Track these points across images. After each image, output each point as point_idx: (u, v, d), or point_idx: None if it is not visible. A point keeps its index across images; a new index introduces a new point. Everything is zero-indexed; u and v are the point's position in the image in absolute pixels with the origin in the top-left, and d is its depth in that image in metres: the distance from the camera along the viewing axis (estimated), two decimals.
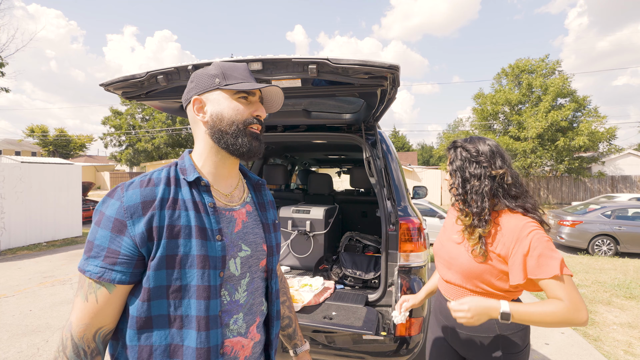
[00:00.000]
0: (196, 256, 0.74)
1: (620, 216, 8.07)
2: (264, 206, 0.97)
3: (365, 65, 1.41)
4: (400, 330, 1.83)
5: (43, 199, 7.98)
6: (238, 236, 0.84)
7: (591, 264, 6.75)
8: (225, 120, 0.82)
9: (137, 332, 0.72)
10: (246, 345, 0.83)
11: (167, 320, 0.73)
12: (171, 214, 0.75)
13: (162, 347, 0.73)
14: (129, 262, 0.71)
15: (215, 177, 0.87)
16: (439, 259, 1.35)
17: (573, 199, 19.35)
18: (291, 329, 1.12)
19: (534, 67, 19.29)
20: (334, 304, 2.02)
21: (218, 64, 0.87)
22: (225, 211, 0.84)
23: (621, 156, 20.93)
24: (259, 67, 1.54)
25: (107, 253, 0.71)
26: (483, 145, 1.23)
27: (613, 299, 4.65)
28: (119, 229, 0.71)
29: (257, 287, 0.89)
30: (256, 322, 0.87)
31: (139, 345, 0.72)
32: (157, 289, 0.72)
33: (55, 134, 31.55)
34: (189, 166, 0.83)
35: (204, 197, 0.81)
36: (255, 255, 0.88)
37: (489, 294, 1.17)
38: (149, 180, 0.78)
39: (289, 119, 2.35)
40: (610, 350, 3.22)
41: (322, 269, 2.60)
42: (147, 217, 0.72)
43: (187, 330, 0.73)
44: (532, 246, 1.09)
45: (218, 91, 0.84)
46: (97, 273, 0.70)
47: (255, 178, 1.01)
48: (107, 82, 1.74)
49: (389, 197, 2.09)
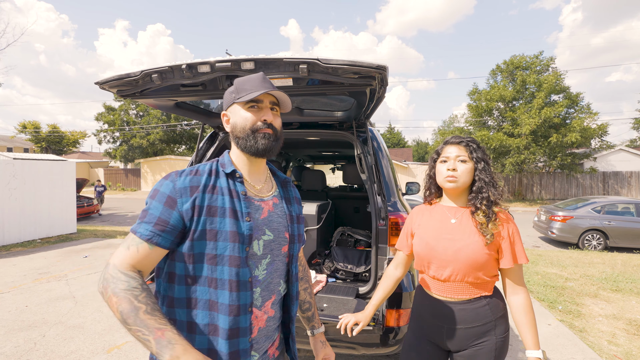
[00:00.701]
0: (229, 232, 0.90)
1: (610, 211, 8.24)
2: (289, 200, 1.12)
3: (354, 65, 1.45)
4: (389, 320, 1.90)
5: (37, 196, 7.94)
6: (263, 222, 0.99)
7: (581, 258, 6.90)
8: (238, 128, 0.99)
9: (185, 287, 0.89)
10: (259, 317, 0.96)
11: (207, 280, 0.89)
12: (210, 197, 0.91)
13: (204, 300, 0.89)
14: (173, 232, 0.87)
15: (247, 173, 1.03)
16: (433, 259, 1.33)
17: (565, 194, 19.61)
18: (310, 313, 1.28)
19: (529, 64, 19.44)
20: (326, 297, 2.08)
21: (236, 81, 1.02)
22: (254, 200, 1.00)
23: (613, 152, 21.22)
24: (252, 66, 1.58)
25: (158, 221, 0.86)
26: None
27: (600, 292, 4.78)
28: (170, 204, 0.88)
29: (276, 269, 1.02)
30: (272, 299, 1.00)
31: (187, 298, 0.89)
32: (199, 255, 0.88)
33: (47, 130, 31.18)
34: (227, 162, 1.01)
35: (237, 186, 0.97)
36: (278, 241, 1.02)
37: (485, 283, 1.30)
38: (196, 171, 0.96)
39: (282, 117, 2.39)
40: (594, 341, 3.33)
41: (315, 263, 2.66)
42: (192, 198, 0.89)
43: (221, 290, 0.88)
44: (517, 234, 1.29)
45: (235, 104, 1.01)
46: (146, 235, 0.85)
47: (282, 176, 1.17)
48: (102, 81, 1.78)
49: (379, 192, 2.15)
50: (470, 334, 1.29)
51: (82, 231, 9.19)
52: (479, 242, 1.26)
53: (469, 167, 1.32)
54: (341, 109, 2.27)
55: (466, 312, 1.29)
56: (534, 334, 1.22)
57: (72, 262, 6.06)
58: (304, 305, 1.27)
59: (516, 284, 1.29)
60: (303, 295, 1.26)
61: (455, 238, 1.30)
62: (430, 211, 1.44)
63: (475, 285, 1.29)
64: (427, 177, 1.48)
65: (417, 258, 1.42)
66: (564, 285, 5.02)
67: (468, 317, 1.29)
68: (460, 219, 1.33)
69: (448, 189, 1.35)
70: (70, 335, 3.29)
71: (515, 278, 1.29)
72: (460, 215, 1.34)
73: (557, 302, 4.33)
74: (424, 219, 1.43)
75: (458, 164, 1.32)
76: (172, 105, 2.17)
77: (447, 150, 1.37)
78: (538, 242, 9.21)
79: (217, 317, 0.89)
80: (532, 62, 19.36)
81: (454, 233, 1.31)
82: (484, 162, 1.32)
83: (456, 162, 1.33)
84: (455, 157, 1.33)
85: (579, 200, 9.13)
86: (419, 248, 1.39)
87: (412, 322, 1.49)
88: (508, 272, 1.29)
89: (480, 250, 1.25)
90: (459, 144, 1.35)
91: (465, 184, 1.33)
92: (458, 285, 1.30)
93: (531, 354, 1.19)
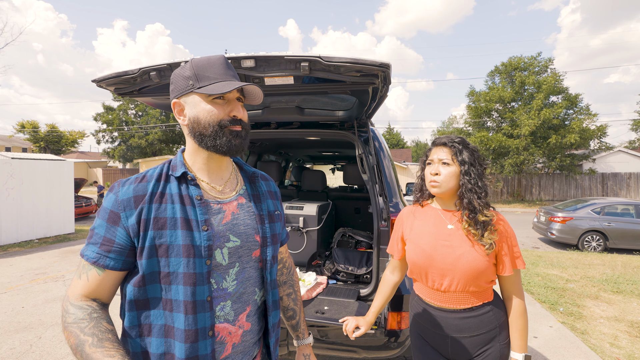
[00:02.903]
0: (182, 246, 0.79)
1: (610, 212, 8.23)
2: (258, 197, 0.99)
3: (357, 63, 1.42)
4: (391, 323, 1.87)
5: (34, 196, 7.89)
6: (226, 227, 0.87)
7: (581, 259, 6.88)
8: (202, 124, 0.85)
9: (137, 313, 0.80)
10: (233, 333, 0.86)
11: (162, 302, 0.79)
12: (157, 207, 0.81)
13: (159, 326, 0.79)
14: (122, 251, 0.79)
15: (206, 173, 0.91)
16: (431, 268, 1.26)
17: (564, 196, 19.62)
18: (295, 321, 1.15)
19: (527, 65, 19.46)
20: (327, 299, 2.05)
21: (192, 64, 0.86)
22: (213, 203, 0.87)
23: (612, 154, 21.24)
24: (252, 64, 1.55)
25: (104, 241, 0.78)
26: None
27: (601, 294, 4.75)
28: (113, 220, 0.79)
29: (249, 277, 0.90)
30: (246, 311, 0.89)
31: (139, 325, 0.80)
32: (150, 275, 0.79)
33: (46, 130, 31.07)
34: (179, 162, 0.88)
35: (191, 190, 0.86)
36: (246, 246, 0.90)
37: (486, 290, 1.26)
38: (143, 177, 0.85)
39: (282, 116, 2.36)
40: (596, 343, 3.30)
41: (316, 264, 2.63)
42: (137, 210, 0.79)
43: (176, 313, 0.79)
44: (514, 239, 1.25)
45: (193, 94, 0.85)
46: (93, 258, 0.78)
47: (250, 170, 1.03)
48: (100, 78, 1.74)
49: (381, 193, 2.12)
50: (476, 342, 1.25)
51: (80, 231, 9.14)
52: (478, 249, 1.20)
53: (452, 171, 1.24)
54: (342, 108, 2.24)
55: (470, 321, 1.25)
56: (523, 337, 1.22)
57: (70, 263, 6.01)
58: (287, 313, 1.15)
59: (514, 289, 1.26)
60: (287, 302, 1.14)
61: (453, 245, 1.23)
62: (422, 214, 1.36)
63: (476, 294, 1.25)
64: (418, 178, 1.42)
65: (413, 266, 1.32)
66: (565, 287, 5.00)
67: (472, 325, 1.25)
68: (457, 224, 1.26)
69: (433, 193, 1.30)
70: None
71: (513, 284, 1.26)
72: (457, 221, 1.27)
73: (558, 304, 4.31)
74: (417, 222, 1.35)
75: (441, 167, 1.26)
76: (170, 104, 2.13)
77: (432, 152, 1.31)
78: (537, 243, 9.20)
79: (173, 344, 0.78)
80: (530, 63, 19.38)
81: (452, 239, 1.24)
82: (469, 165, 1.23)
83: (439, 165, 1.26)
84: (439, 160, 1.27)
85: (578, 202, 9.12)
86: (415, 256, 1.30)
87: (412, 334, 1.44)
88: (506, 278, 1.26)
89: (481, 258, 1.19)
90: (444, 146, 1.28)
91: (451, 189, 1.25)
92: (459, 295, 1.25)
93: (516, 356, 1.21)
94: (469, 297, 1.24)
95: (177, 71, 0.89)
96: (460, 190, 1.24)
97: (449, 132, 23.16)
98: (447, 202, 1.32)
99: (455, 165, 1.24)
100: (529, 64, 19.40)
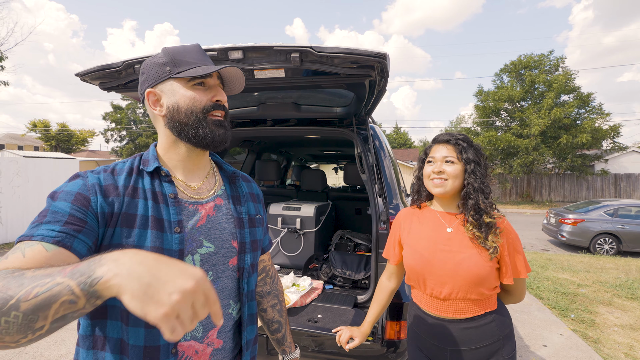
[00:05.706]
0: (150, 248, 0.70)
1: (623, 215, 7.95)
2: (238, 199, 0.90)
3: (351, 53, 1.32)
4: (390, 333, 1.76)
5: (40, 194, 7.94)
6: (200, 231, 0.79)
7: (592, 263, 6.65)
8: (183, 112, 0.78)
9: (91, 323, 0.70)
10: (201, 352, 0.76)
11: (119, 313, 0.69)
12: (129, 202, 0.72)
13: (114, 340, 0.69)
14: (92, 234, 0.66)
15: (181, 170, 0.83)
16: (429, 274, 1.18)
17: (575, 197, 19.18)
18: (280, 334, 1.08)
19: (537, 63, 19.07)
20: (321, 306, 1.94)
21: (166, 50, 0.80)
22: (188, 204, 0.80)
23: (625, 154, 20.71)
24: (240, 55, 1.47)
25: (70, 219, 0.63)
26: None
27: (614, 300, 4.56)
28: (82, 202, 0.66)
29: (223, 287, 0.82)
30: (217, 327, 0.79)
31: (94, 336, 0.70)
32: None
33: (57, 129, 31.57)
34: (151, 157, 0.81)
35: (164, 187, 0.78)
36: (222, 252, 0.82)
37: (489, 298, 1.17)
38: (112, 169, 0.76)
39: (278, 113, 2.26)
40: (610, 353, 3.14)
41: (313, 268, 2.53)
42: (109, 200, 0.70)
43: (134, 328, 0.68)
44: (518, 244, 1.18)
45: (171, 81, 0.79)
46: (53, 237, 0.60)
47: (230, 170, 0.95)
48: (83, 72, 1.67)
49: (381, 194, 2.00)
50: (477, 357, 1.15)
51: None
52: (480, 253, 1.12)
53: (458, 169, 1.17)
54: (340, 105, 2.14)
55: (471, 332, 1.15)
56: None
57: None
58: (272, 326, 1.07)
59: (516, 297, 1.25)
60: (271, 314, 1.06)
61: (453, 250, 1.15)
62: (420, 216, 1.29)
63: (478, 302, 1.15)
64: (415, 179, 1.33)
65: (411, 272, 1.24)
66: (576, 292, 4.81)
67: (474, 336, 1.15)
68: (457, 227, 1.18)
69: (436, 194, 1.21)
70: (61, 337, 3.20)
71: (516, 291, 1.23)
72: (457, 224, 1.19)
73: (569, 310, 4.13)
74: (414, 225, 1.27)
75: (445, 165, 1.18)
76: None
77: (434, 150, 1.23)
78: (547, 245, 8.95)
79: None
80: (540, 61, 18.98)
81: (452, 244, 1.16)
82: (474, 163, 1.17)
83: (443, 163, 1.19)
84: (442, 158, 1.19)
85: (590, 203, 8.86)
86: (412, 261, 1.22)
87: (410, 346, 1.35)
88: (510, 286, 1.21)
89: (483, 263, 1.11)
90: (447, 143, 1.21)
91: (455, 188, 1.18)
92: (460, 304, 1.16)
93: None
94: (470, 306, 1.15)
95: (149, 60, 0.82)
96: (465, 190, 1.16)
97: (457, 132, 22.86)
98: (448, 203, 1.25)
99: (460, 164, 1.17)
100: (539, 62, 19.01)
